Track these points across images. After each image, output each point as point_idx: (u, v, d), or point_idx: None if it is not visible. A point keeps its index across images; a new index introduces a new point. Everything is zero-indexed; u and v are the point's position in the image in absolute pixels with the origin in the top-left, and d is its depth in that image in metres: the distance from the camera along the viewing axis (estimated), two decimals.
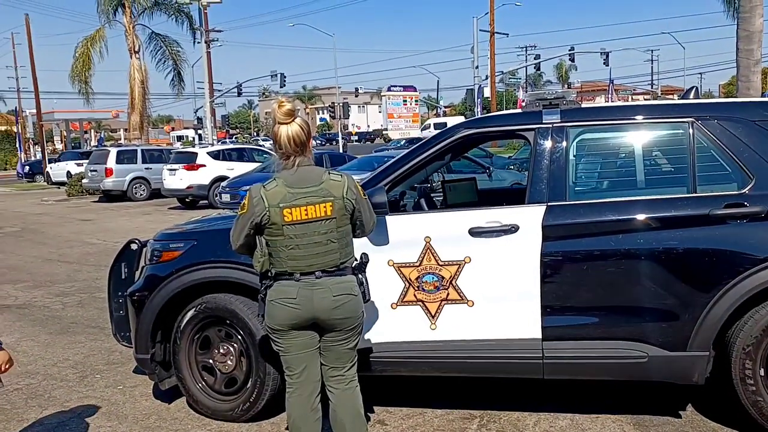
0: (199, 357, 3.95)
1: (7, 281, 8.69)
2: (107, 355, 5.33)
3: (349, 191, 2.88)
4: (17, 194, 27.06)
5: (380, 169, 3.83)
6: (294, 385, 2.99)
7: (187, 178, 18.08)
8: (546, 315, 3.40)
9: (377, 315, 3.55)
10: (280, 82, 39.77)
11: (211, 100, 33.61)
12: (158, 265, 4.01)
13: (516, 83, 58.34)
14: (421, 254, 3.51)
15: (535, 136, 3.57)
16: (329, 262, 2.86)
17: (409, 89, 46.57)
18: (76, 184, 23.85)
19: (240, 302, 3.78)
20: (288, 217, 2.79)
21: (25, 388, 4.68)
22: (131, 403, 4.32)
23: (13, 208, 20.40)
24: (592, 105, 4.10)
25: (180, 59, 32.09)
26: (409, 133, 40.29)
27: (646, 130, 3.62)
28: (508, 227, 3.43)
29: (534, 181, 3.50)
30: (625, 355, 3.35)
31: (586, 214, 3.40)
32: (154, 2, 30.18)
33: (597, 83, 68.89)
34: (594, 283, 3.37)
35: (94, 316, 6.60)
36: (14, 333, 6.11)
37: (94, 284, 8.15)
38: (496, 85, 40.17)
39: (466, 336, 3.50)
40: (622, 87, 67.53)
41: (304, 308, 2.85)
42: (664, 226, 3.32)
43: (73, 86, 31.10)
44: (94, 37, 30.31)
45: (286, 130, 2.84)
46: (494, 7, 37.07)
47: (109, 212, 17.97)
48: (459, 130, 3.75)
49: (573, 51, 41.79)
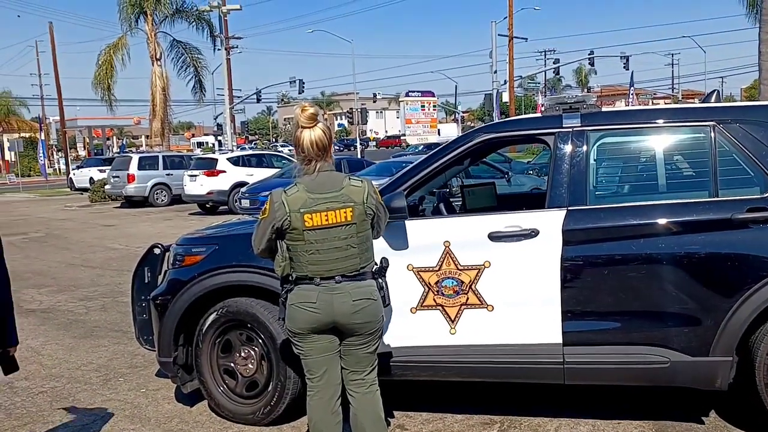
0: (221, 360, 3.99)
1: (32, 286, 8.84)
2: (130, 359, 5.40)
3: (369, 197, 2.90)
4: (41, 200, 27.50)
5: (399, 174, 3.84)
6: (315, 388, 3.01)
7: (207, 184, 18.25)
8: (566, 320, 3.38)
9: (397, 319, 3.56)
10: (298, 88, 40.01)
11: (230, 107, 33.91)
12: (181, 270, 4.06)
13: (535, 88, 58.13)
14: (441, 258, 3.52)
15: (555, 140, 3.56)
16: (349, 267, 2.89)
17: (427, 94, 46.50)
18: (99, 190, 24.19)
19: (261, 306, 3.82)
20: (309, 222, 2.82)
21: (50, 390, 4.75)
22: (154, 406, 4.37)
23: (37, 213, 20.73)
24: (613, 109, 4.09)
25: (201, 66, 32.44)
26: (427, 138, 40.17)
27: (667, 134, 3.60)
28: (528, 232, 3.42)
29: (554, 185, 3.50)
30: (647, 361, 3.33)
31: (606, 219, 3.39)
32: (176, 10, 30.56)
33: (617, 87, 68.32)
34: (615, 288, 3.36)
35: (117, 320, 6.69)
36: (39, 337, 6.22)
37: (116, 288, 8.26)
38: (514, 90, 40.06)
39: (486, 341, 3.50)
40: (642, 91, 66.90)
41: (324, 312, 2.87)
42: (686, 231, 3.30)
43: (96, 93, 31.59)
44: (117, 45, 30.74)
45: (309, 135, 2.87)
46: (513, 12, 37.01)
47: (131, 218, 18.20)
48: (478, 135, 3.76)
49: (593, 55, 41.52)
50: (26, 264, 10.72)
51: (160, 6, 29.63)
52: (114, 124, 55.87)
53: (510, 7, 36.70)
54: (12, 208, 23.49)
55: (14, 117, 52.05)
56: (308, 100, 3.88)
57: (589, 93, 4.86)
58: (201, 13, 30.79)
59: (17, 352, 3.08)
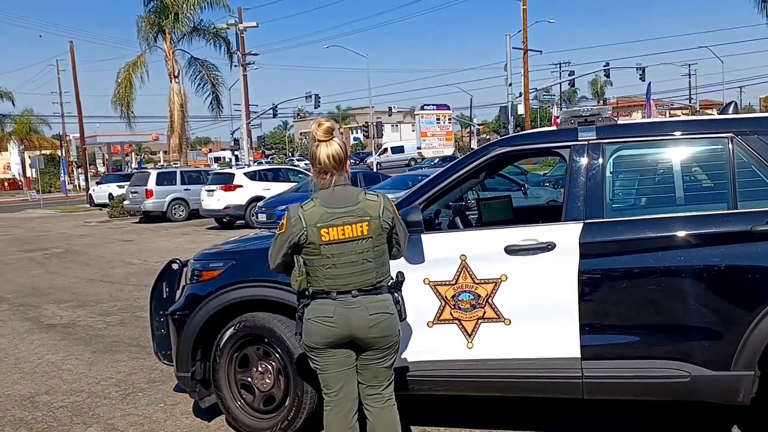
0: (238, 375, 4.00)
1: (53, 301, 8.94)
2: (148, 374, 5.43)
3: (385, 211, 2.92)
4: (61, 216, 27.85)
5: (415, 188, 3.85)
6: (332, 403, 3.01)
7: (224, 199, 18.39)
8: (585, 333, 3.36)
9: (413, 333, 3.56)
10: (314, 102, 40.34)
11: (247, 122, 34.20)
12: (198, 285, 4.09)
13: (550, 100, 57.98)
14: (457, 272, 3.52)
15: (570, 153, 3.55)
16: (365, 281, 2.89)
17: (442, 108, 46.54)
18: (118, 205, 24.47)
19: (278, 321, 3.83)
20: (325, 237, 2.84)
21: (70, 405, 4.79)
22: (172, 421, 4.39)
23: (57, 229, 21.00)
24: (629, 121, 4.07)
25: (218, 83, 32.81)
26: (442, 151, 40.18)
27: (684, 146, 3.57)
28: (544, 245, 3.41)
29: (570, 198, 3.49)
30: (667, 375, 3.29)
31: (624, 232, 3.37)
32: (193, 28, 30.96)
33: (633, 99, 67.99)
34: (633, 301, 3.32)
35: (135, 335, 6.74)
36: (59, 351, 6.28)
37: (135, 304, 8.33)
38: (530, 102, 40.01)
39: (503, 355, 3.48)
40: (659, 102, 66.44)
41: (341, 326, 2.88)
42: (705, 243, 3.27)
43: (115, 110, 32.02)
44: (136, 63, 31.20)
45: (326, 148, 2.90)
46: (527, 25, 37.04)
47: (149, 233, 18.37)
48: (494, 148, 3.76)
49: (608, 67, 41.41)
50: (47, 279, 10.85)
51: (178, 24, 30.07)
52: (132, 140, 56.53)
53: (524, 20, 36.75)
54: (33, 224, 23.83)
55: (35, 135, 52.92)
56: (324, 115, 3.91)
57: (604, 105, 4.85)
58: (218, 30, 31.19)
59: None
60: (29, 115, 52.02)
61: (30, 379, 5.42)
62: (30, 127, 51.98)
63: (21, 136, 51.91)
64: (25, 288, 10.12)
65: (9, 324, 7.66)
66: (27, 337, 6.95)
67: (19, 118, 51.67)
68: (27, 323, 7.67)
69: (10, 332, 7.23)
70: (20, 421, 4.53)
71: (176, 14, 29.75)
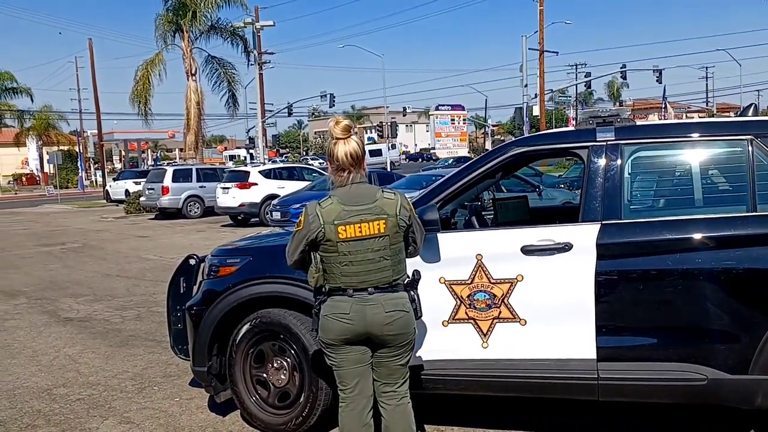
0: (254, 371, 4.03)
1: (70, 295, 9.04)
2: (164, 368, 5.48)
3: (402, 209, 2.93)
4: (78, 211, 28.14)
5: (432, 187, 3.86)
6: (347, 400, 3.03)
7: (239, 197, 18.50)
8: (601, 335, 3.34)
9: (429, 332, 3.56)
10: (329, 102, 40.43)
11: (263, 120, 34.34)
12: (215, 280, 4.13)
13: (566, 101, 57.69)
14: (473, 272, 3.52)
15: (588, 154, 3.54)
16: (382, 279, 2.91)
17: (456, 108, 46.48)
18: (134, 201, 24.68)
19: (293, 317, 3.85)
20: (342, 234, 2.85)
21: (87, 398, 4.85)
22: (187, 415, 4.43)
23: (74, 224, 21.22)
24: (647, 122, 4.05)
25: (235, 81, 32.93)
26: (456, 151, 40.12)
27: (703, 148, 3.55)
28: (561, 245, 3.40)
29: (588, 199, 3.48)
30: (683, 378, 3.27)
31: (641, 233, 3.35)
32: (211, 26, 31.09)
33: (649, 101, 67.48)
34: (650, 303, 3.31)
35: (151, 330, 6.80)
36: (76, 345, 6.35)
37: (151, 299, 8.40)
38: (545, 104, 39.81)
39: (518, 355, 3.48)
40: (675, 104, 65.88)
41: (357, 323, 2.89)
42: (723, 246, 3.25)
43: (132, 108, 32.26)
44: (154, 61, 31.40)
45: (344, 146, 2.92)
46: (543, 26, 36.86)
47: (165, 229, 18.51)
48: (511, 148, 3.76)
49: (625, 68, 41.08)
50: (65, 273, 10.98)
51: (195, 22, 30.22)
52: (149, 137, 57.10)
53: (540, 21, 36.57)
54: (51, 219, 24.09)
55: (54, 130, 53.46)
56: (339, 114, 3.94)
57: (622, 107, 4.83)
58: (235, 29, 31.34)
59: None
60: (48, 111, 52.58)
61: (48, 372, 5.49)
62: (48, 123, 52.51)
63: (39, 132, 52.47)
64: (43, 282, 10.25)
65: (27, 317, 7.76)
66: (44, 330, 7.04)
67: (37, 114, 52.24)
68: (44, 316, 7.76)
69: (28, 325, 7.33)
70: (38, 412, 4.60)
71: (194, 12, 29.91)
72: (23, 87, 51.09)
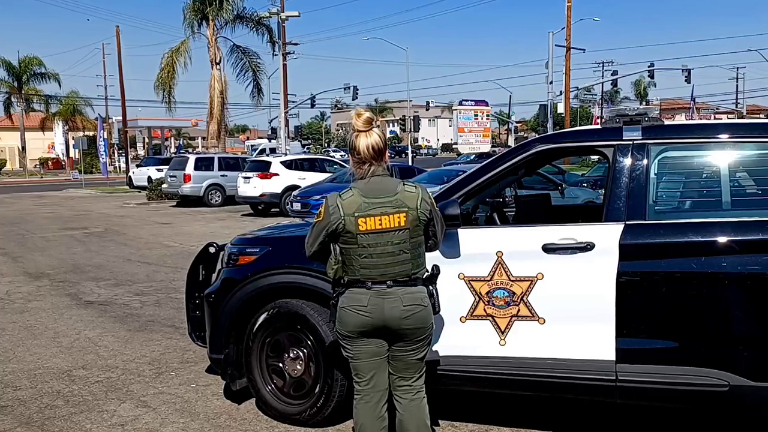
0: (270, 360, 4.04)
1: (92, 278, 9.16)
2: (182, 354, 5.53)
3: (422, 203, 2.91)
4: (102, 197, 28.49)
5: (454, 182, 3.83)
6: (362, 392, 3.02)
7: (260, 186, 18.59)
8: (621, 336, 3.30)
9: (446, 327, 3.54)
10: (352, 94, 40.42)
11: (285, 111, 34.45)
12: (234, 269, 4.14)
13: (591, 99, 57.05)
14: (493, 268, 3.49)
15: (614, 152, 3.49)
16: (401, 272, 2.89)
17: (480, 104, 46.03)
18: (156, 188, 24.93)
19: (311, 308, 3.85)
20: (362, 227, 2.84)
21: (105, 380, 4.91)
22: (203, 401, 4.46)
23: (98, 210, 21.48)
24: (676, 122, 3.98)
25: (260, 71, 33.09)
26: (479, 147, 39.80)
27: (733, 150, 3.47)
28: (583, 245, 3.36)
29: (612, 198, 3.42)
30: (704, 383, 3.21)
31: (666, 235, 3.29)
32: (236, 16, 31.24)
33: (677, 101, 66.51)
34: (673, 306, 3.26)
35: (170, 316, 6.86)
36: (96, 328, 6.43)
37: (170, 285, 8.48)
38: (570, 101, 39.43)
39: (536, 354, 3.45)
40: (704, 105, 64.91)
41: (375, 316, 2.88)
42: (750, 250, 3.18)
43: (157, 95, 32.53)
44: (179, 49, 31.63)
45: (366, 139, 2.90)
46: (571, 22, 36.50)
47: (186, 216, 18.67)
48: (535, 145, 3.71)
49: (653, 68, 40.50)
50: (87, 257, 11.12)
51: (221, 11, 30.39)
52: (172, 125, 57.53)
53: (568, 17, 36.21)
54: (75, 203, 24.42)
55: (80, 116, 54.15)
56: (362, 107, 3.92)
57: (650, 106, 4.75)
58: (261, 19, 31.43)
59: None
60: (75, 96, 53.25)
61: (68, 353, 5.56)
62: (75, 109, 53.21)
63: (66, 117, 53.17)
64: (66, 264, 10.39)
65: (49, 299, 7.88)
66: (66, 313, 7.14)
67: (64, 99, 52.93)
68: (66, 299, 7.87)
69: (50, 306, 7.44)
70: (57, 393, 4.66)
71: (220, 1, 30.07)
72: (51, 72, 51.90)
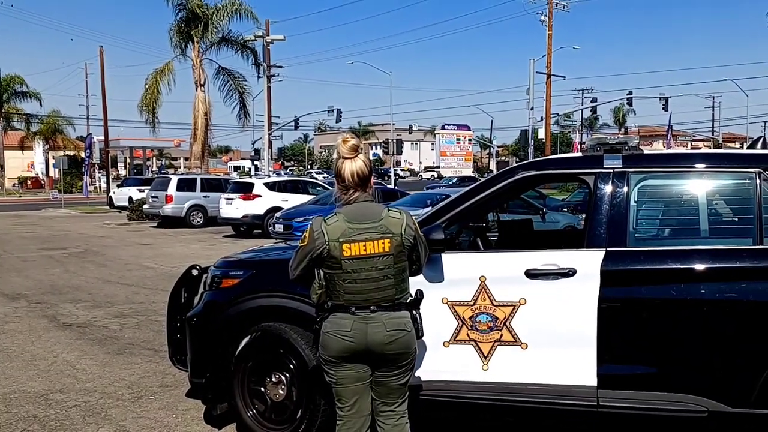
0: (252, 384, 4.01)
1: (70, 300, 9.03)
2: (161, 377, 5.46)
3: (407, 228, 2.93)
4: (81, 216, 28.17)
5: (438, 207, 3.86)
6: (344, 418, 3.01)
7: (243, 208, 18.54)
8: (602, 362, 3.33)
9: (429, 352, 3.55)
10: (336, 117, 40.64)
11: (269, 133, 34.48)
12: (217, 292, 4.12)
13: (571, 125, 57.83)
14: (476, 293, 3.51)
15: (595, 180, 3.55)
16: (385, 297, 2.90)
17: (462, 128, 46.59)
18: (137, 209, 24.73)
19: (294, 332, 3.84)
20: (347, 252, 2.86)
21: (83, 405, 4.83)
22: (183, 426, 4.40)
23: (77, 229, 21.24)
24: (655, 151, 4.06)
25: (246, 93, 33.16)
26: (461, 171, 40.15)
27: (711, 179, 3.56)
28: (565, 270, 3.40)
29: (593, 225, 3.48)
30: (684, 409, 3.25)
31: (646, 261, 3.35)
32: (222, 38, 31.36)
33: (655, 128, 67.63)
34: (653, 332, 3.30)
35: (150, 338, 6.78)
36: (74, 351, 6.33)
37: (150, 307, 8.38)
38: (550, 127, 39.94)
39: (518, 379, 3.46)
40: (681, 133, 66.07)
41: (358, 341, 2.88)
42: (728, 278, 3.24)
43: (141, 116, 32.42)
44: (163, 70, 31.64)
45: (351, 165, 2.93)
46: (552, 50, 37.09)
47: (167, 237, 18.51)
48: (518, 171, 3.77)
49: (631, 95, 41.29)
50: (65, 278, 10.97)
51: (207, 34, 30.49)
52: (155, 145, 57.29)
53: (549, 45, 36.80)
54: (54, 223, 24.12)
55: (60, 135, 53.71)
56: (345, 130, 3.95)
57: (626, 133, 4.84)
58: (246, 41, 31.60)
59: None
60: (56, 116, 52.86)
61: (45, 377, 5.46)
62: (56, 128, 52.79)
63: (47, 136, 52.71)
64: (44, 286, 10.24)
65: (26, 321, 7.75)
66: (43, 335, 7.02)
67: (45, 119, 52.52)
68: (44, 321, 7.75)
69: (27, 329, 7.31)
70: (34, 417, 4.57)
71: (206, 24, 30.19)
72: (33, 91, 51.48)
